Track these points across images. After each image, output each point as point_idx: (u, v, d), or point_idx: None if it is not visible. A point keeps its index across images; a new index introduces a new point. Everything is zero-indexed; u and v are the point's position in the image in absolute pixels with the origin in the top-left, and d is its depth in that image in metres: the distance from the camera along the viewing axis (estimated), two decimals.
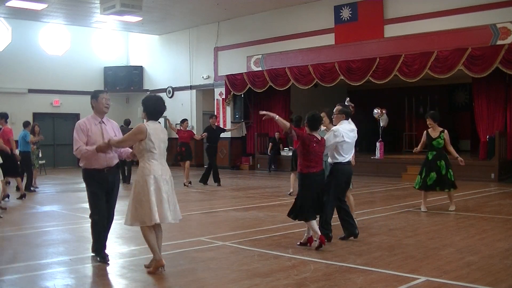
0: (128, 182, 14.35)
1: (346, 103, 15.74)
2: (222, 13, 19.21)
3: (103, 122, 5.79)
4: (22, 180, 12.04)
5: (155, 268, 5.22)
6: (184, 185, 13.76)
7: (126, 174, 14.61)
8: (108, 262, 5.63)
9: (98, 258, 5.70)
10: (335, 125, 6.78)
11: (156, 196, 5.13)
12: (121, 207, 6.90)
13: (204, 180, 14.20)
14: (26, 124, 13.23)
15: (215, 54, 20.84)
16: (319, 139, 6.28)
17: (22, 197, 11.48)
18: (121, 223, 6.30)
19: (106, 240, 5.80)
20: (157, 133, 5.25)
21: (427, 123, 9.05)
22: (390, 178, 15.34)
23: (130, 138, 5.28)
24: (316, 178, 6.22)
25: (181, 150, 14.07)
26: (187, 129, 14.45)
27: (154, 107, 5.36)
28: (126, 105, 24.07)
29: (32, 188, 13.14)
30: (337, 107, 6.87)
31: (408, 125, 22.41)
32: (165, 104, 5.47)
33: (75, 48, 22.50)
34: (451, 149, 8.99)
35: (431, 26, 15.18)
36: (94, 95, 5.88)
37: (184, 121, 14.60)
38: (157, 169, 5.19)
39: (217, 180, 13.98)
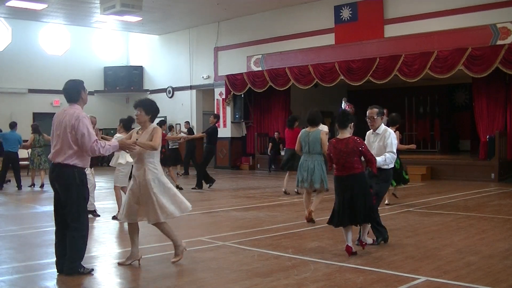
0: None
1: (343, 103, 15.66)
2: (222, 13, 19.21)
3: None
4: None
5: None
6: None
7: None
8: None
9: (91, 270, 5.19)
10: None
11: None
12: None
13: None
14: (12, 125, 13.30)
15: (215, 54, 20.84)
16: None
17: None
18: (119, 224, 6.29)
19: None
20: None
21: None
22: None
23: (159, 140, 5.39)
24: None
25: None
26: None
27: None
28: (126, 105, 24.05)
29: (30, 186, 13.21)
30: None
31: (408, 125, 22.36)
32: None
33: (75, 48, 22.51)
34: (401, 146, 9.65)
35: (431, 26, 15.17)
36: (83, 86, 5.23)
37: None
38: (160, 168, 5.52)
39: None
